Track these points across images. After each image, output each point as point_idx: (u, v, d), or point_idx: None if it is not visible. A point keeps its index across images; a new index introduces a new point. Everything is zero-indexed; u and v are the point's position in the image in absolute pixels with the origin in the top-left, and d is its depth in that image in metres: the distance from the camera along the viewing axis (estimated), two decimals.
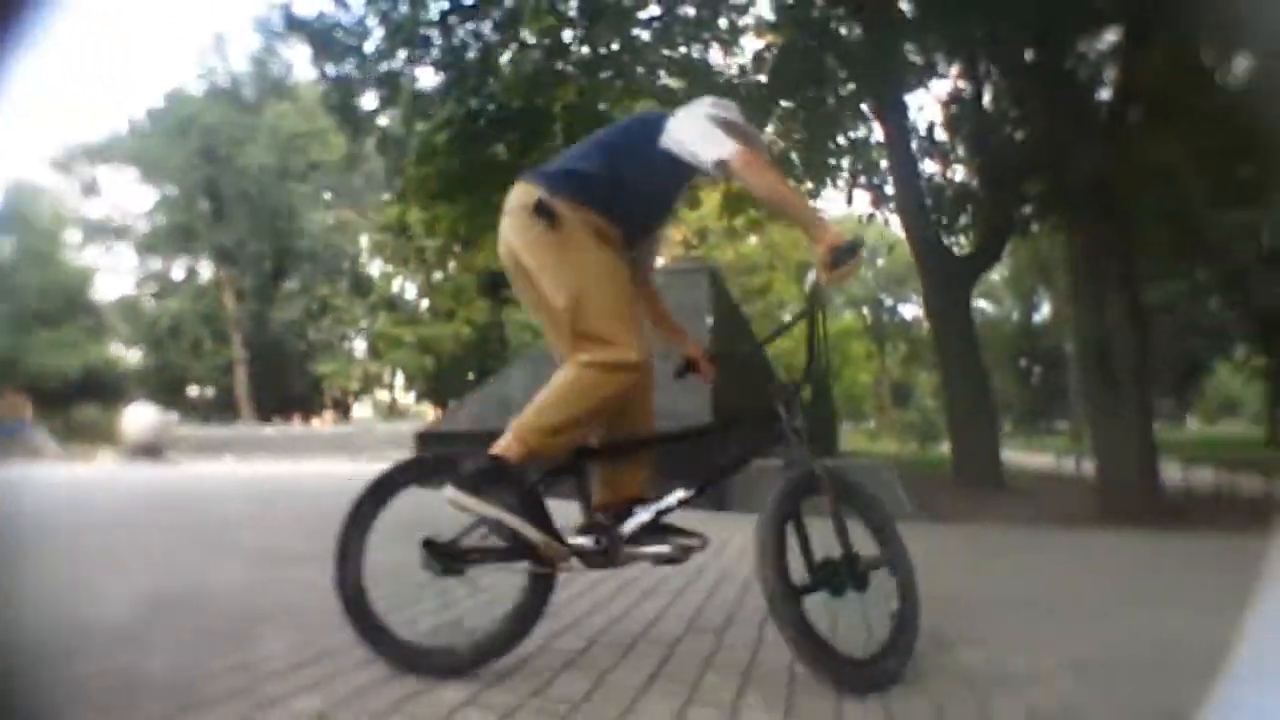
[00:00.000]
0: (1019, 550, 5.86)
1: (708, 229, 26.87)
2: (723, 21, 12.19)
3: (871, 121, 12.49)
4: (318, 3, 31.80)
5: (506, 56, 11.71)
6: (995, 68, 11.27)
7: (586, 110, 11.42)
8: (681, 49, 12.28)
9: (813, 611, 1.89)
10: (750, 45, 13.04)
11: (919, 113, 15.41)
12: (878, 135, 12.49)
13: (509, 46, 11.66)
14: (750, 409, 2.21)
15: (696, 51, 12.31)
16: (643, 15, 11.70)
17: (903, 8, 11.09)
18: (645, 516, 2.03)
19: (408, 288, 36.43)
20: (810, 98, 11.94)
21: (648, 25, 11.94)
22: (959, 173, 13.20)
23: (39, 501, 6.11)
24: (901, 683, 1.91)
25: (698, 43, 12.32)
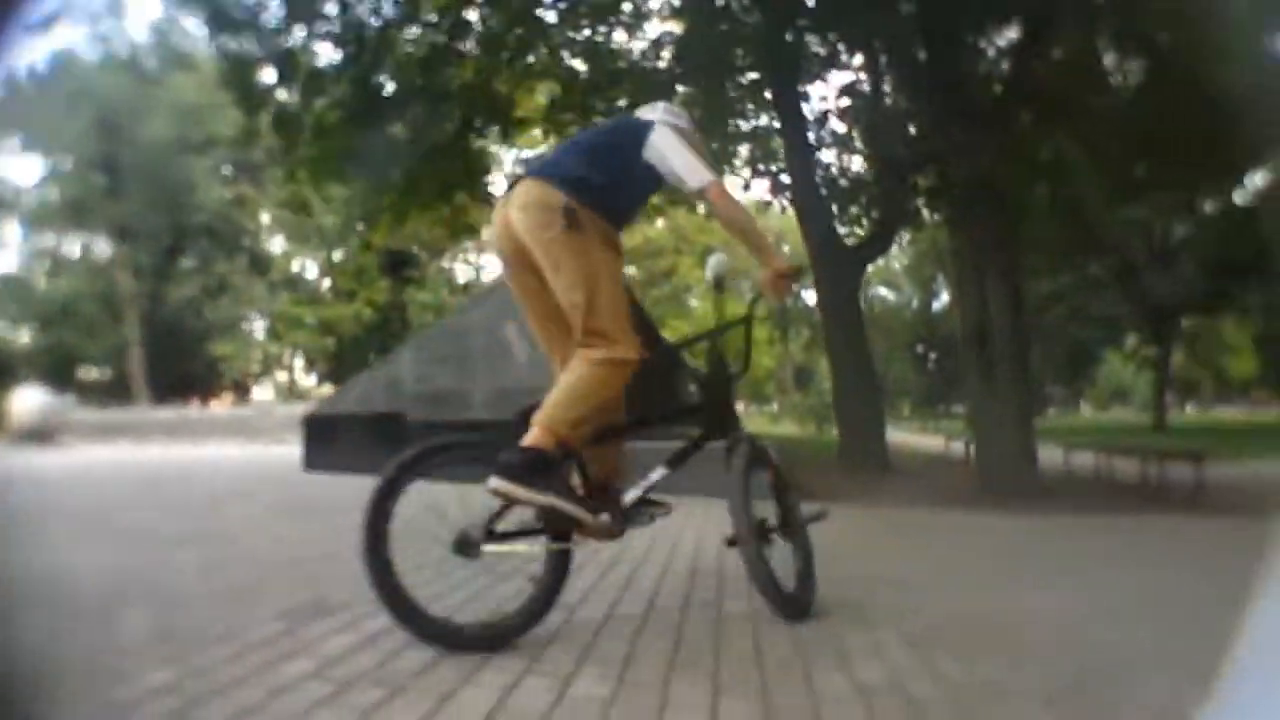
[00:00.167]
0: (889, 530, 6.03)
1: None
2: (627, 5, 12.17)
3: (772, 110, 12.62)
4: None
5: (408, 34, 11.43)
6: (892, 61, 11.51)
7: (484, 90, 11.26)
8: (585, 31, 12.21)
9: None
10: (654, 30, 12.98)
11: (821, 102, 15.50)
12: (778, 124, 12.62)
13: (410, 24, 11.40)
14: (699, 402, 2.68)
15: (600, 35, 12.25)
16: None
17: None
18: (638, 492, 2.40)
19: (308, 266, 35.57)
20: (711, 84, 12.03)
21: (553, 6, 11.82)
22: (855, 163, 13.50)
23: None
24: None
25: (603, 25, 12.26)
